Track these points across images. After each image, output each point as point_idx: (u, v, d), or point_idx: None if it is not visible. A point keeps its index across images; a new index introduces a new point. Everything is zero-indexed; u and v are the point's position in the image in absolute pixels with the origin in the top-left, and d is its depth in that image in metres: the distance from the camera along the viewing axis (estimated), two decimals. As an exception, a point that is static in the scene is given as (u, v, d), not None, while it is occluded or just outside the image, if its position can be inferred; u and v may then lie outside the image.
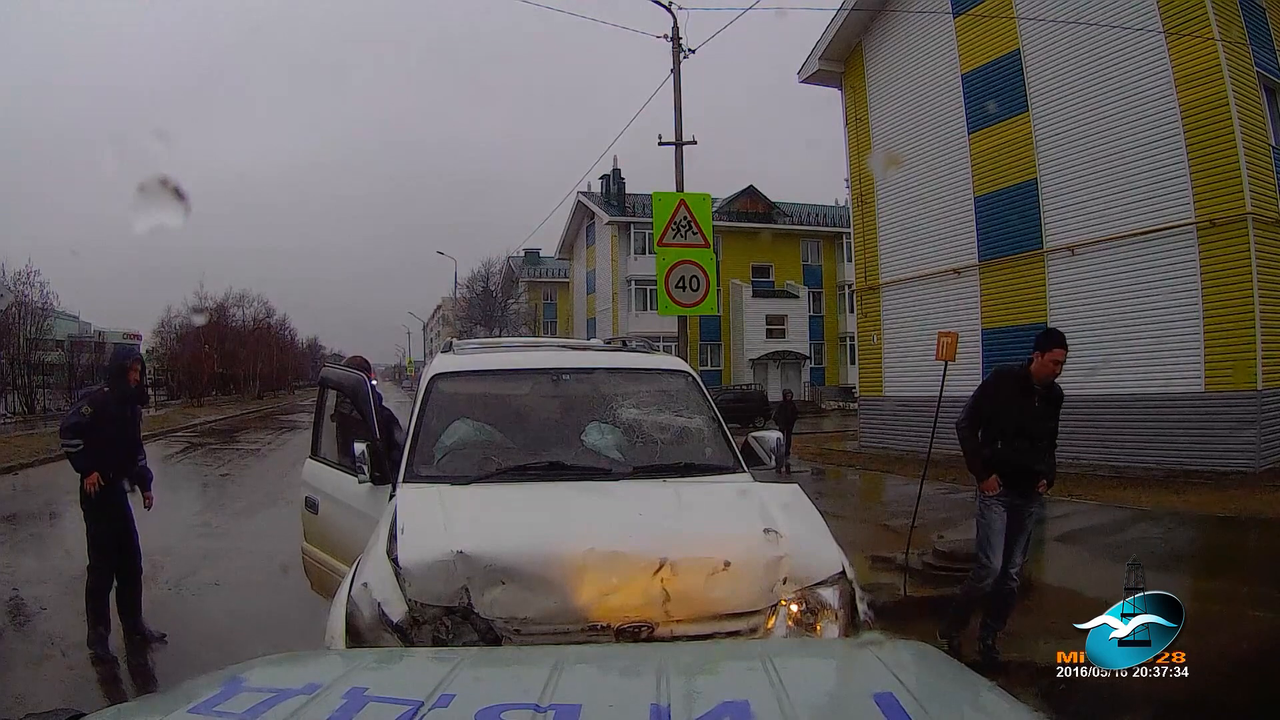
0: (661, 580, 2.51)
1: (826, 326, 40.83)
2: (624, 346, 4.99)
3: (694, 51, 12.39)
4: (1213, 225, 12.43)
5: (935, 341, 6.56)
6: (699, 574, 2.56)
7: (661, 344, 15.61)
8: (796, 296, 39.67)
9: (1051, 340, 4.45)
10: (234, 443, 22.10)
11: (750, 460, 3.72)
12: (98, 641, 4.81)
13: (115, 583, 5.04)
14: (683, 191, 10.56)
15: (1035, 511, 4.82)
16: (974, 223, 16.38)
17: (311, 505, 4.38)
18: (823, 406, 36.16)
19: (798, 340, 39.18)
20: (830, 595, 2.70)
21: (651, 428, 3.77)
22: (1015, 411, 4.49)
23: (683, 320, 10.13)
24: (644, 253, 34.99)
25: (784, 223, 40.28)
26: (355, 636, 2.48)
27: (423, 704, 1.13)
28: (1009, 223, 15.57)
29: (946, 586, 5.98)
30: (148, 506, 5.29)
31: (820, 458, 17.91)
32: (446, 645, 2.43)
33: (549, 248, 49.63)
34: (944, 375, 6.43)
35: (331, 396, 4.58)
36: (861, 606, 2.74)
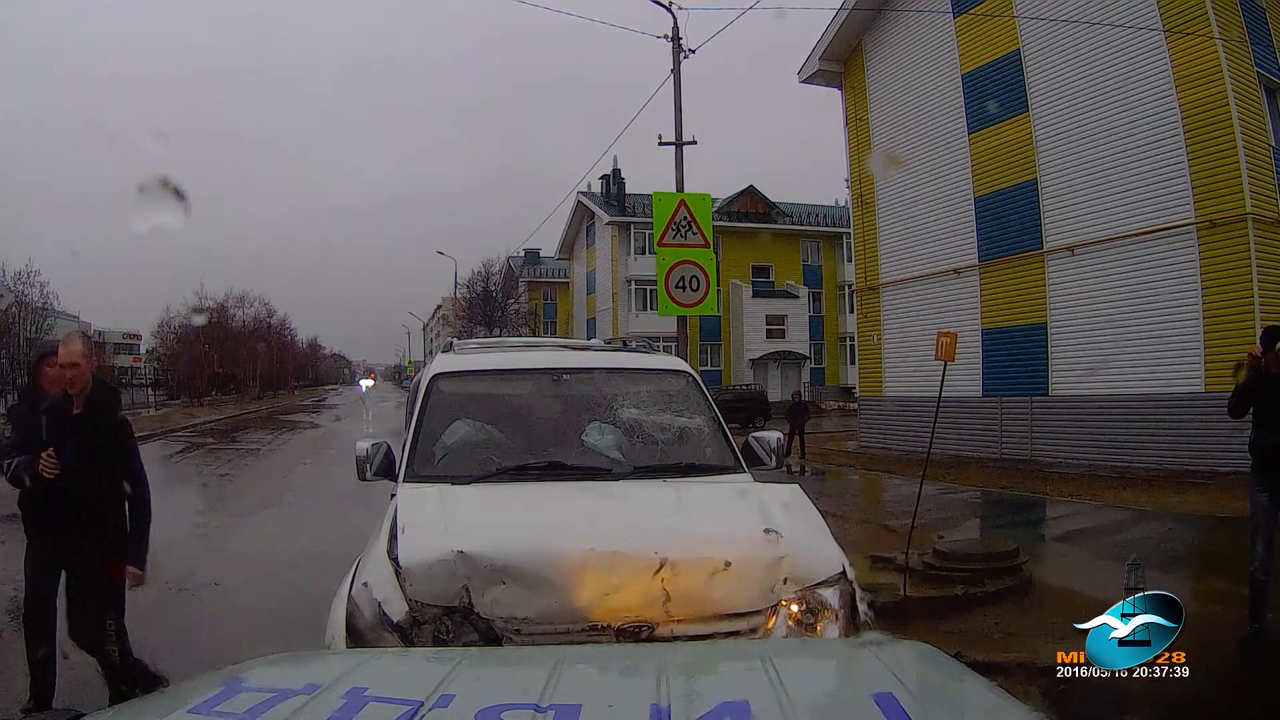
0: (662, 580, 2.51)
1: (826, 326, 40.84)
2: (624, 346, 5.00)
3: (694, 51, 12.37)
4: (1213, 225, 12.44)
5: (935, 341, 6.56)
6: (699, 574, 2.56)
7: (661, 344, 15.60)
8: (796, 296, 39.66)
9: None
10: (233, 443, 22.10)
11: (750, 460, 3.72)
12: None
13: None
14: (683, 191, 10.54)
15: None
16: (974, 223, 16.38)
17: None
18: (823, 406, 36.14)
19: (798, 340, 39.18)
20: (830, 595, 2.69)
21: (652, 428, 3.76)
22: None
23: (683, 320, 10.11)
24: (644, 253, 34.97)
25: (784, 223, 40.27)
26: (355, 636, 2.48)
27: (423, 704, 1.13)
28: (1009, 223, 15.58)
29: (946, 586, 5.99)
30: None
31: (820, 458, 17.89)
32: (446, 645, 2.43)
33: (549, 248, 49.68)
34: (943, 375, 6.43)
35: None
36: (862, 607, 2.74)
